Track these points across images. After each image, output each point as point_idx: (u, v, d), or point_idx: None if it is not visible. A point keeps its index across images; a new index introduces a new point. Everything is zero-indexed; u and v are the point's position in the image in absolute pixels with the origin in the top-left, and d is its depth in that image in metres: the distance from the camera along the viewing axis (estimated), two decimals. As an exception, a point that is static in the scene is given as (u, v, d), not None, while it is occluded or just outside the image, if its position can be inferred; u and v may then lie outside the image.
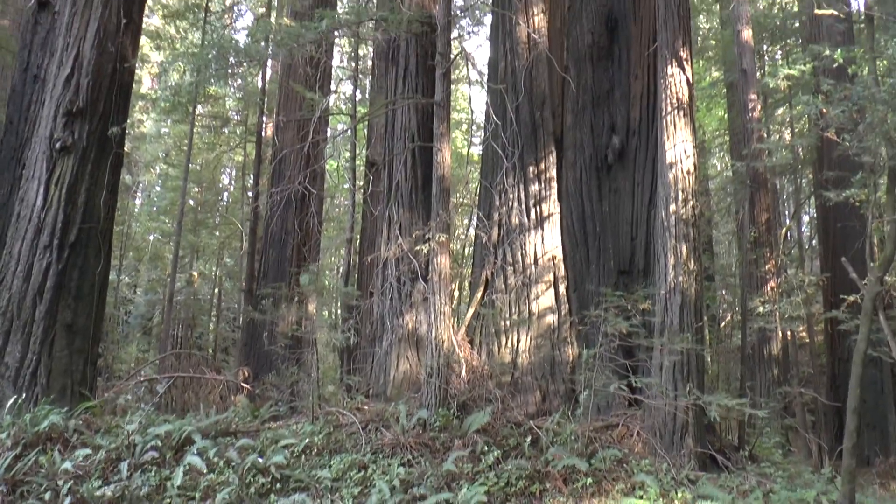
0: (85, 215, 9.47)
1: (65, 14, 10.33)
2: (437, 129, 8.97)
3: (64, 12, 10.39)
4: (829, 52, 9.88)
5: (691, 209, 8.35)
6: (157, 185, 27.46)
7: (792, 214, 21.44)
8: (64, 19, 10.28)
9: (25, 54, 11.36)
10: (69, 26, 10.12)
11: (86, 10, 10.17)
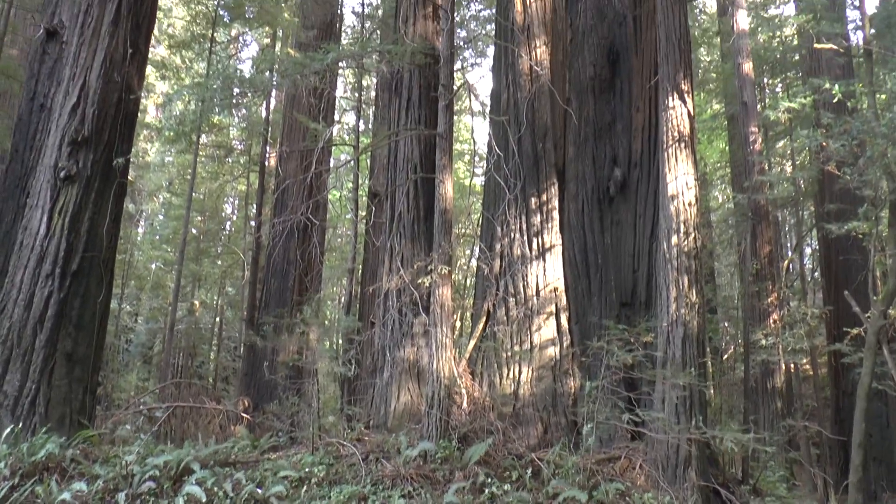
0: (87, 244, 9.50)
1: (72, 44, 10.45)
2: (439, 161, 9.01)
3: (72, 42, 10.51)
4: (829, 85, 9.98)
5: (693, 242, 8.35)
6: (161, 213, 27.55)
7: (794, 247, 21.42)
8: (71, 49, 10.41)
9: (32, 83, 11.48)
10: (76, 56, 10.24)
11: (93, 40, 10.30)
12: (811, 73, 15.34)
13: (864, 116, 7.98)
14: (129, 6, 10.68)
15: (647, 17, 10.98)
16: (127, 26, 10.60)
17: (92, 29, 10.37)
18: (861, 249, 12.65)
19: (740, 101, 13.73)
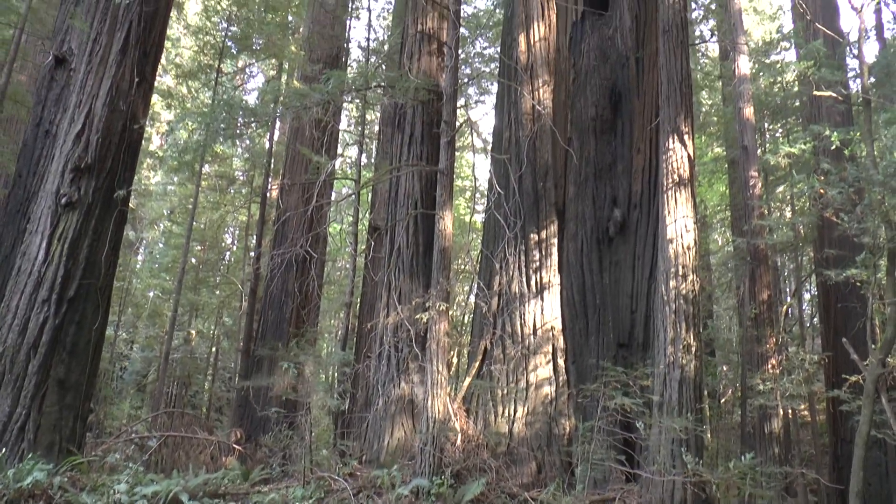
0: (86, 271, 9.48)
1: (80, 71, 10.55)
2: (439, 197, 9.04)
3: (80, 69, 10.62)
4: (828, 132, 10.05)
5: (691, 285, 8.34)
6: (160, 242, 27.58)
7: (793, 292, 21.39)
8: (79, 76, 10.50)
9: (39, 110, 11.59)
10: (83, 83, 10.32)
11: (100, 68, 10.39)
12: (811, 120, 15.46)
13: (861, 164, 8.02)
14: (138, 35, 10.80)
15: (649, 60, 11.11)
16: (134, 55, 10.71)
17: (100, 57, 10.47)
18: (860, 297, 12.63)
19: (741, 144, 13.78)
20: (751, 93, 14.43)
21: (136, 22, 10.81)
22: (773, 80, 17.31)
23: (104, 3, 10.89)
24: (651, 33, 11.20)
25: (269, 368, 14.36)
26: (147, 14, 10.99)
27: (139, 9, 10.85)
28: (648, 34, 11.30)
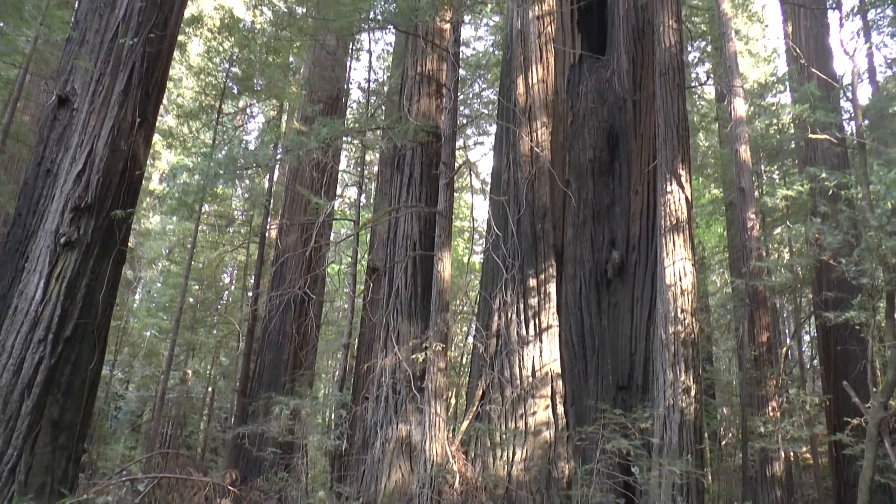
0: (83, 310, 9.43)
1: (83, 111, 10.63)
2: (438, 238, 9.07)
3: (82, 109, 10.69)
4: (824, 175, 10.11)
5: (690, 328, 8.32)
6: (158, 281, 27.53)
7: (792, 334, 21.33)
8: (81, 116, 10.57)
9: (41, 149, 11.65)
10: (85, 123, 10.39)
11: (103, 108, 10.47)
12: (808, 162, 15.55)
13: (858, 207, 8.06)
14: (141, 76, 10.90)
15: (646, 102, 11.23)
16: (137, 96, 10.80)
17: (102, 97, 10.56)
18: (859, 339, 12.58)
19: (738, 186, 13.86)
20: (747, 135, 14.55)
21: (139, 63, 10.93)
22: (769, 123, 17.47)
23: (108, 43, 11.02)
24: (648, 76, 11.34)
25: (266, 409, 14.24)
26: (150, 55, 11.11)
27: (142, 50, 10.97)
28: (645, 77, 11.44)
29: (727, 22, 14.98)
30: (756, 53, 27.07)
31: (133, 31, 10.94)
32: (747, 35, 25.86)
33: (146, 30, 11.03)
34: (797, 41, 17.37)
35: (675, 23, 9.98)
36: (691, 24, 19.29)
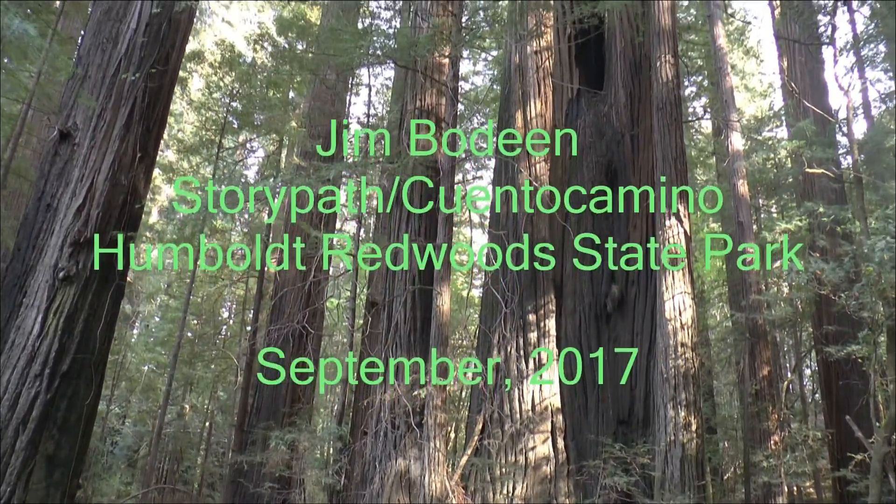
0: (80, 345, 9.41)
1: (84, 146, 10.70)
2: (437, 273, 9.05)
3: (83, 144, 10.76)
4: (822, 209, 10.15)
5: (691, 362, 8.28)
6: (157, 315, 27.45)
7: (793, 368, 21.22)
8: (82, 151, 10.64)
9: (42, 184, 11.67)
10: (86, 158, 10.45)
11: (104, 143, 10.55)
12: (805, 196, 15.61)
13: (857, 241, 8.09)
14: (142, 111, 11.00)
15: (644, 137, 11.30)
16: (138, 131, 10.89)
17: (104, 132, 10.64)
18: (861, 373, 12.52)
19: (736, 220, 13.88)
20: (745, 169, 14.62)
21: (141, 98, 11.04)
22: (766, 157, 17.58)
23: (110, 79, 11.13)
24: (645, 111, 11.43)
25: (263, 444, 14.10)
26: (151, 90, 11.22)
27: (144, 85, 11.09)
28: (643, 111, 11.53)
29: (723, 57, 15.13)
30: (752, 88, 27.32)
31: (135, 66, 11.07)
32: (743, 70, 26.13)
33: (148, 65, 11.16)
34: (792, 76, 17.55)
35: (672, 58, 10.09)
36: (688, 58, 19.48)
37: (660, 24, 10.30)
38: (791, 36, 17.58)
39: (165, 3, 11.63)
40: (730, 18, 19.86)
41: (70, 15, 17.54)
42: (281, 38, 19.45)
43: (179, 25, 12.04)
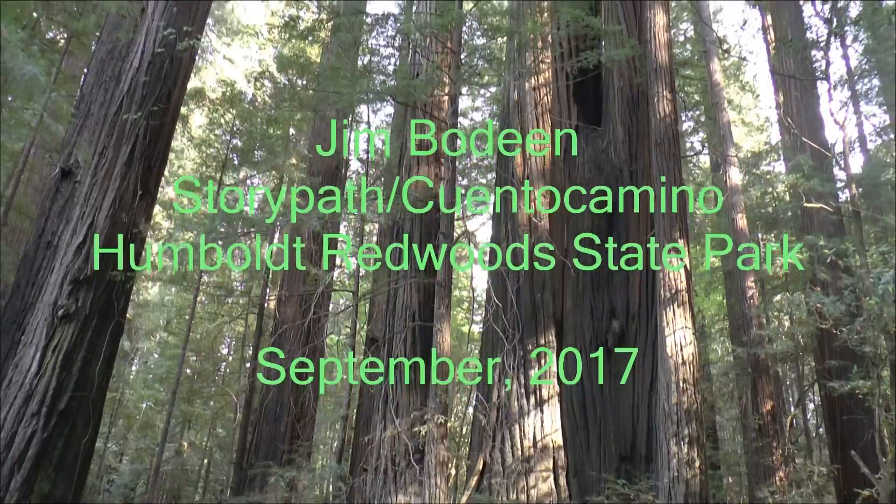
0: (78, 383, 9.34)
1: (85, 184, 10.74)
2: (438, 309, 9.03)
3: (84, 182, 10.81)
4: (822, 242, 10.15)
5: (693, 397, 8.22)
6: (156, 352, 27.32)
7: (796, 402, 21.08)
8: (84, 189, 10.68)
9: (42, 221, 11.72)
10: (87, 196, 10.49)
11: (105, 180, 10.59)
12: (804, 230, 15.64)
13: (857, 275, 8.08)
14: (143, 149, 11.06)
15: (642, 172, 11.35)
16: (139, 168, 10.93)
17: (105, 170, 10.69)
18: (865, 408, 12.42)
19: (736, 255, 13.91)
20: (743, 203, 14.68)
21: (142, 136, 11.10)
22: (764, 192, 17.65)
23: (112, 117, 11.22)
24: (644, 146, 11.49)
25: (262, 482, 13.95)
26: (153, 128, 11.30)
27: (146, 123, 11.16)
28: (641, 147, 11.60)
29: (720, 92, 15.29)
30: (749, 122, 27.52)
31: (137, 104, 11.16)
32: (740, 104, 26.33)
33: (150, 104, 11.25)
34: (788, 110, 17.69)
35: (669, 93, 10.17)
36: (684, 93, 19.66)
37: (656, 61, 10.41)
38: (786, 71, 17.77)
39: (168, 43, 11.76)
40: (725, 54, 20.08)
41: (74, 54, 17.74)
42: (281, 76, 19.65)
43: (181, 64, 12.16)
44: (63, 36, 18.02)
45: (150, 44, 11.78)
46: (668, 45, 10.75)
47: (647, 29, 10.90)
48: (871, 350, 8.84)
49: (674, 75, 10.98)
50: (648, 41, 10.75)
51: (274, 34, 21.48)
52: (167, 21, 11.98)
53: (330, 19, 13.17)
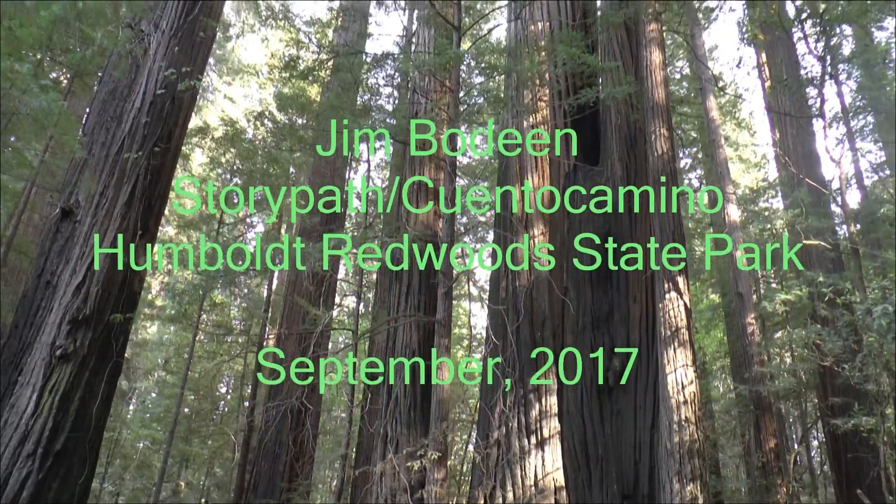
0: (75, 423, 9.27)
1: (85, 224, 10.77)
2: (437, 348, 8.99)
3: (85, 222, 10.84)
4: (821, 278, 10.16)
5: (695, 435, 8.16)
6: (154, 391, 27.14)
7: (800, 439, 20.90)
8: (84, 229, 10.70)
9: (42, 261, 11.71)
10: (87, 236, 10.51)
11: (105, 220, 10.62)
12: (804, 265, 15.66)
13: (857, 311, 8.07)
14: (144, 189, 11.11)
15: (641, 210, 11.37)
16: (139, 208, 10.97)
17: (105, 210, 10.73)
18: (870, 446, 12.32)
19: (735, 291, 13.90)
20: (742, 239, 14.71)
21: (143, 176, 11.17)
22: (762, 228, 17.71)
23: (113, 157, 11.29)
24: (642, 183, 11.54)
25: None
26: (154, 168, 11.37)
27: (146, 163, 11.24)
28: (639, 184, 11.64)
29: (716, 129, 15.42)
30: (746, 159, 27.71)
31: (138, 144, 11.25)
32: (737, 141, 26.54)
33: (151, 144, 11.34)
34: (785, 147, 17.83)
35: (667, 131, 10.26)
36: (681, 131, 19.83)
37: (653, 99, 10.53)
38: (781, 108, 17.94)
39: (170, 83, 11.89)
40: (721, 92, 20.30)
41: (77, 93, 17.92)
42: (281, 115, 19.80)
43: (182, 104, 12.29)
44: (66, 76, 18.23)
45: (151, 84, 11.92)
46: (665, 84, 10.88)
47: (644, 67, 11.05)
48: (874, 387, 8.80)
49: (671, 113, 11.09)
50: (645, 79, 10.88)
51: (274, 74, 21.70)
52: (169, 61, 12.13)
53: (329, 59, 13.33)
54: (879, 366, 7.83)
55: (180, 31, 12.64)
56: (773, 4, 14.27)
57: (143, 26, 12.96)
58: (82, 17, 12.32)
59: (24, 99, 9.70)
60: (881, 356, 7.75)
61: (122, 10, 13.48)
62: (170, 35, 12.53)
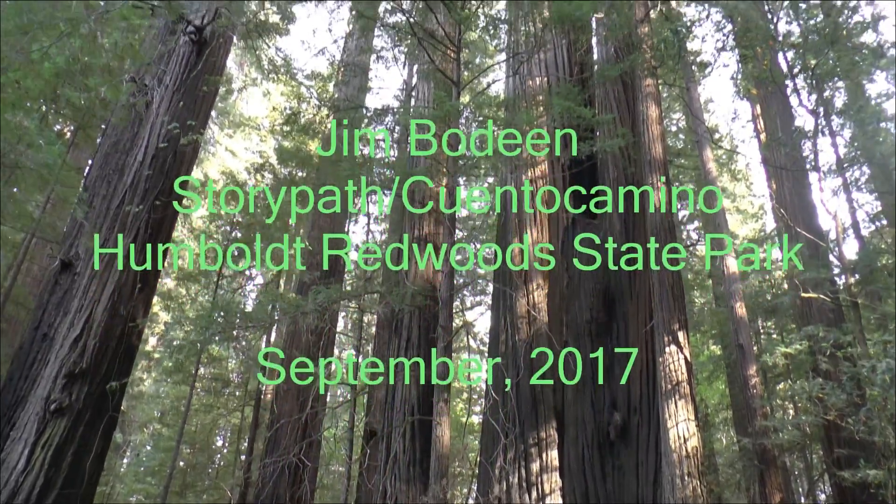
0: (67, 479, 9.12)
1: (84, 276, 10.76)
2: (437, 403, 8.90)
3: (84, 274, 10.83)
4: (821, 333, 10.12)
5: (698, 490, 8.02)
6: (148, 444, 26.77)
7: (806, 493, 20.56)
8: (83, 281, 10.69)
9: (39, 313, 11.67)
10: (86, 288, 10.49)
11: (105, 273, 10.61)
12: (803, 317, 15.60)
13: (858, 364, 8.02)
14: (144, 242, 11.13)
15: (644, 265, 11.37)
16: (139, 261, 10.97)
17: (105, 262, 10.72)
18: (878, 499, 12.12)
19: (736, 343, 13.83)
20: (742, 291, 14.70)
21: (144, 229, 11.20)
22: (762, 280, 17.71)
23: (114, 209, 11.34)
24: (640, 236, 11.57)
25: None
26: (155, 221, 11.40)
27: (147, 216, 11.28)
28: (637, 237, 11.67)
29: (713, 181, 15.55)
30: (744, 210, 27.85)
31: (139, 197, 11.31)
32: (734, 192, 26.72)
33: (152, 197, 11.40)
34: (781, 199, 17.93)
35: (664, 185, 10.33)
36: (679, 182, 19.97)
37: (650, 154, 10.62)
38: (777, 161, 18.10)
39: (172, 136, 12.01)
40: (717, 145, 20.51)
41: (79, 146, 18.09)
42: (281, 168, 19.97)
43: (184, 157, 12.39)
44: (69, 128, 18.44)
45: (154, 137, 12.04)
46: (662, 138, 10.99)
47: (641, 122, 11.17)
48: (881, 440, 8.69)
49: (668, 167, 11.17)
50: (642, 134, 10.99)
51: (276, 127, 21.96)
52: (172, 115, 12.28)
53: (330, 114, 13.48)
54: (884, 419, 7.75)
55: (184, 85, 12.82)
56: (765, 60, 14.51)
57: (146, 80, 13.15)
58: (86, 70, 12.50)
59: (30, 153, 9.79)
60: (885, 409, 7.68)
61: (126, 64, 13.68)
62: (173, 89, 12.71)
